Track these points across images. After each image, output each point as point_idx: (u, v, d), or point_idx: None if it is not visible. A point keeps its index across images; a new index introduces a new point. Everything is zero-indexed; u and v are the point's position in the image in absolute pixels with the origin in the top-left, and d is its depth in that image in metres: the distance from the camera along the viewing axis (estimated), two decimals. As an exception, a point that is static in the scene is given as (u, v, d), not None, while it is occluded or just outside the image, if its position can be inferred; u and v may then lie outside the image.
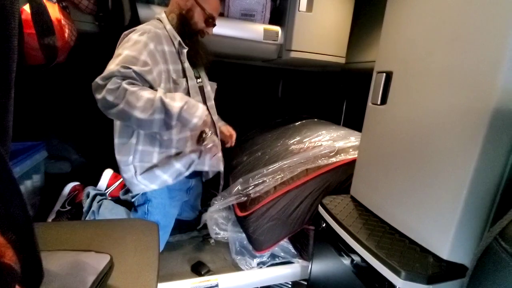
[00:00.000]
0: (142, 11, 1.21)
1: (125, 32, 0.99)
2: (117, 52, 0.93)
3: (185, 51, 1.05)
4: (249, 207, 1.11)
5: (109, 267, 0.61)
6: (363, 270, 0.77)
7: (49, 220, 1.22)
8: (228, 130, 1.32)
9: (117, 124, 1.03)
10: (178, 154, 1.08)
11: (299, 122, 1.71)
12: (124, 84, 0.84)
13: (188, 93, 1.05)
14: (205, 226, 1.34)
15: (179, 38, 1.04)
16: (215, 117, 1.23)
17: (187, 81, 1.05)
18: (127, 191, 1.27)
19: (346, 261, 0.84)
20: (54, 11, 0.94)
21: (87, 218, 1.19)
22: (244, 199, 1.14)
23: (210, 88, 1.21)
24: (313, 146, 1.30)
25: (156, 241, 0.75)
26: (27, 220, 0.30)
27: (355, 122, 1.67)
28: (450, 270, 0.64)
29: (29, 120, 1.53)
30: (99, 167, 1.51)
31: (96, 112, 1.68)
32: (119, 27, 1.15)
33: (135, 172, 1.05)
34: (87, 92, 1.63)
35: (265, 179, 1.17)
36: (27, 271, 0.31)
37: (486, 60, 0.57)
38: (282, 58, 1.53)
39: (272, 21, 1.49)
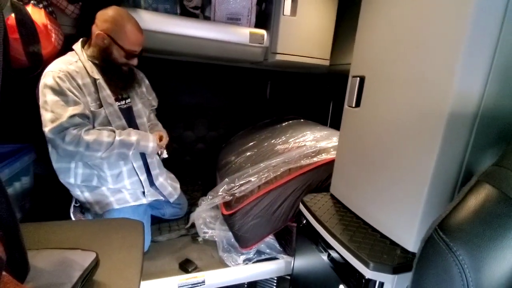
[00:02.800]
0: (129, 15, 1.23)
1: (40, 80, 1.00)
2: (41, 99, 0.98)
3: (100, 80, 1.08)
4: (234, 206, 1.15)
5: (95, 263, 0.64)
6: (338, 264, 0.81)
7: (71, 212, 1.26)
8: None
9: (54, 151, 1.09)
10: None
11: (286, 123, 1.76)
12: (83, 135, 0.98)
13: (107, 120, 1.10)
14: (193, 225, 1.37)
15: (94, 69, 1.07)
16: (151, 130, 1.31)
17: (104, 109, 1.09)
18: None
19: (324, 256, 0.88)
20: (40, 17, 0.97)
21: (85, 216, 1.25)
22: (229, 198, 1.18)
23: (141, 106, 1.25)
24: (297, 146, 1.35)
25: (140, 239, 0.79)
26: (13, 218, 0.33)
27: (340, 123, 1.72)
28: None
29: (17, 122, 1.54)
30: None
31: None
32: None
33: (82, 191, 1.15)
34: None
35: (250, 179, 1.21)
36: (14, 264, 0.35)
37: (442, 68, 0.62)
38: (268, 61, 1.57)
39: (257, 25, 1.53)
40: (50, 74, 0.98)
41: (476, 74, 0.60)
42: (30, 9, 0.93)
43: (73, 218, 1.31)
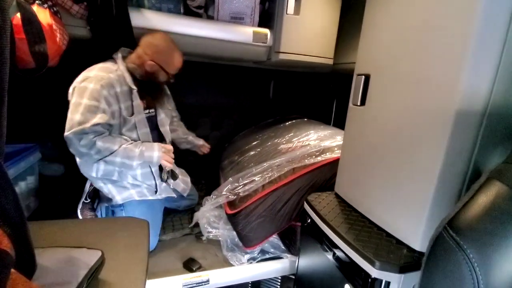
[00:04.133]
0: (134, 15, 1.24)
1: (78, 80, 1.08)
2: (76, 100, 1.05)
3: (135, 91, 1.17)
4: (238, 205, 1.15)
5: (100, 262, 0.64)
6: (344, 263, 0.81)
7: (78, 208, 1.31)
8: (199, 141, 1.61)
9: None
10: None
11: (289, 122, 1.75)
12: (97, 141, 1.05)
13: (135, 127, 1.19)
14: (197, 224, 1.37)
15: (129, 79, 1.15)
16: (168, 138, 1.40)
17: (134, 117, 1.18)
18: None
19: (329, 255, 0.88)
20: (45, 17, 0.97)
21: (96, 212, 1.30)
22: (233, 197, 1.18)
23: (163, 116, 1.35)
24: (301, 145, 1.34)
25: (146, 238, 0.79)
26: (21, 216, 0.33)
27: (344, 122, 1.71)
28: (421, 260, 0.68)
29: (23, 122, 1.55)
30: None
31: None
32: (110, 32, 1.19)
33: (105, 183, 1.21)
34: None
35: (254, 178, 1.21)
36: (21, 261, 0.35)
37: (449, 66, 0.62)
38: (272, 60, 1.57)
39: (261, 24, 1.52)
40: (93, 80, 1.06)
41: (484, 72, 0.60)
42: (35, 9, 0.93)
43: (80, 215, 1.33)
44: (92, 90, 1.04)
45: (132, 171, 1.21)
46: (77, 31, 1.21)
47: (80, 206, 1.32)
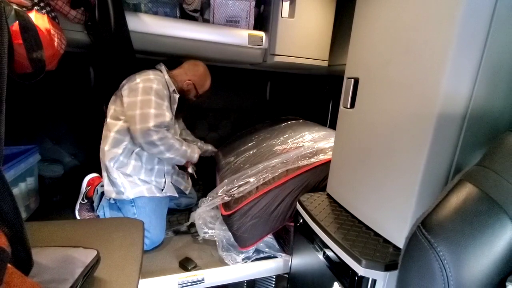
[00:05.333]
0: (131, 19, 1.27)
1: (138, 80, 1.23)
2: (144, 96, 1.19)
3: (177, 96, 1.37)
4: (233, 206, 1.17)
5: (96, 260, 0.67)
6: (333, 262, 0.83)
7: (76, 209, 1.38)
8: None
9: (111, 135, 1.24)
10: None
11: (285, 124, 1.78)
12: (169, 137, 1.25)
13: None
14: (193, 224, 1.40)
15: (174, 87, 1.35)
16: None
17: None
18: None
19: (320, 255, 0.90)
20: (43, 22, 1.00)
21: (97, 212, 1.33)
22: (228, 199, 1.21)
23: (177, 125, 1.56)
24: (295, 147, 1.36)
25: (140, 237, 0.81)
26: (17, 215, 0.36)
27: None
28: (406, 258, 0.70)
29: (23, 124, 1.58)
30: (91, 170, 1.57)
31: (87, 115, 1.74)
32: (107, 36, 1.21)
33: (119, 176, 1.26)
34: (79, 95, 1.68)
35: (249, 179, 1.23)
36: (18, 259, 0.37)
37: (431, 70, 0.64)
38: (268, 62, 1.59)
39: (256, 27, 1.55)
40: (155, 81, 1.23)
41: (464, 76, 0.62)
42: (33, 14, 0.96)
43: (77, 215, 1.36)
44: (157, 89, 1.22)
45: (159, 166, 1.35)
46: (75, 35, 1.23)
47: (77, 207, 1.35)
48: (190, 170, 1.55)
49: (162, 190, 1.36)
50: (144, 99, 1.19)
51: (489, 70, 0.62)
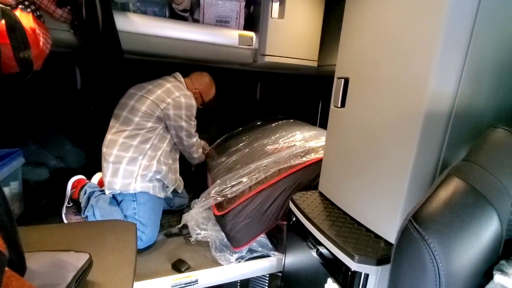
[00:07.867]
0: (119, 19, 1.25)
1: (178, 94, 1.40)
2: (191, 113, 1.45)
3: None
4: (226, 207, 1.17)
5: (88, 264, 0.65)
6: (326, 259, 0.85)
7: (63, 213, 1.35)
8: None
9: (134, 144, 1.31)
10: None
11: (276, 123, 1.79)
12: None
13: None
14: (186, 226, 1.39)
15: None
16: None
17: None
18: None
19: (313, 252, 0.92)
20: (28, 21, 0.97)
21: (86, 213, 1.28)
22: (221, 199, 1.20)
23: None
24: (287, 146, 1.38)
25: (133, 240, 0.80)
26: (10, 219, 0.35)
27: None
28: (397, 252, 0.73)
29: (5, 126, 1.52)
30: (78, 172, 1.53)
31: (73, 116, 1.70)
32: (94, 36, 1.19)
33: (134, 166, 1.30)
34: (64, 97, 1.63)
35: (241, 179, 1.23)
36: (12, 264, 0.36)
37: (418, 69, 0.67)
38: (258, 62, 1.60)
39: (246, 27, 1.56)
40: (192, 97, 1.46)
41: (450, 75, 0.64)
42: (18, 13, 0.93)
43: (64, 219, 1.32)
44: (195, 106, 1.47)
45: (175, 165, 1.49)
46: (61, 34, 1.20)
47: (64, 210, 1.32)
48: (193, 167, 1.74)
49: (167, 187, 1.43)
50: (190, 114, 1.44)
51: (473, 69, 0.65)
